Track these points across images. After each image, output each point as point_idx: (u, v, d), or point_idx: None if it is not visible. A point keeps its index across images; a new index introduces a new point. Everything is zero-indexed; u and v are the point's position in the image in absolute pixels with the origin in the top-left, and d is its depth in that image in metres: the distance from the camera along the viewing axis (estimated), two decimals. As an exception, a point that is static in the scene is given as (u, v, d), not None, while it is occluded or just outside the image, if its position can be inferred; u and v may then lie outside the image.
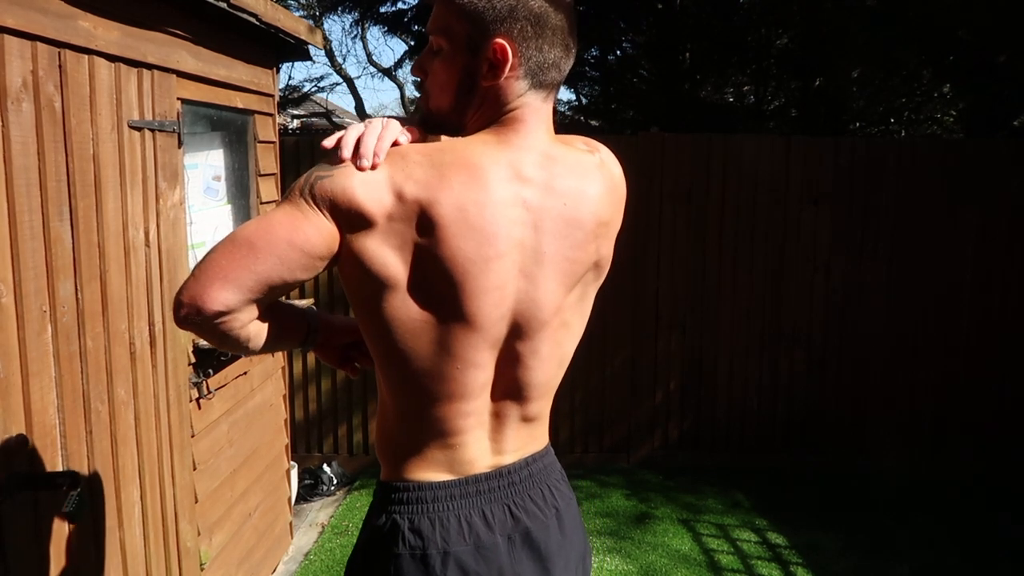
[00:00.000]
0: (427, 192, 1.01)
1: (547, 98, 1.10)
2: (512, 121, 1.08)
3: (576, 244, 1.09)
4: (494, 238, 1.03)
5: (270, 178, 3.12)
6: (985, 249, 4.16)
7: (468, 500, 1.11)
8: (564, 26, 1.06)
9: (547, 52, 1.06)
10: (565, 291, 1.11)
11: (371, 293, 1.04)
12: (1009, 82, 5.29)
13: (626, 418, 4.34)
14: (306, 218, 1.01)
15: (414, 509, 1.10)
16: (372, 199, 1.00)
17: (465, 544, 1.09)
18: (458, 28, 1.05)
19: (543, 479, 1.18)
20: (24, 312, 1.66)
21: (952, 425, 4.25)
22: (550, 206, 1.07)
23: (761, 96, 6.95)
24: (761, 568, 3.30)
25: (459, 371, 1.07)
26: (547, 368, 1.14)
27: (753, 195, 4.18)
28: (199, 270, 1.00)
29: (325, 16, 11.67)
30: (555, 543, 1.15)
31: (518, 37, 1.04)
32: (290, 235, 1.01)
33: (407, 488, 1.11)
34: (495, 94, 1.07)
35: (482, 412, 1.12)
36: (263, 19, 2.64)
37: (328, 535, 3.57)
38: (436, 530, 1.09)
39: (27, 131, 1.67)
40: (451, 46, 1.06)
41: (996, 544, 3.50)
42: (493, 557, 1.10)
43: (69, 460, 1.82)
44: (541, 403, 1.17)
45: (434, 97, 1.10)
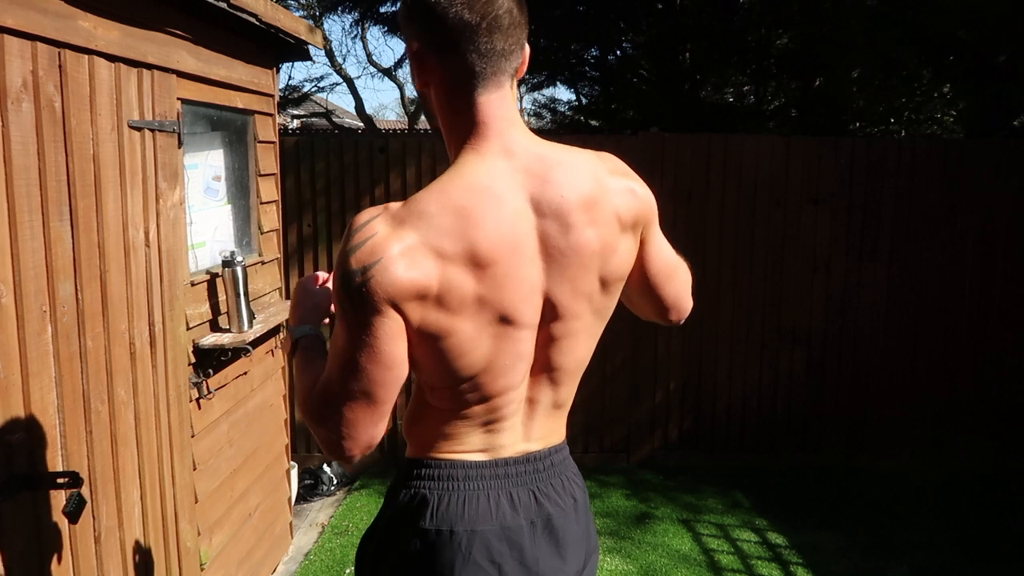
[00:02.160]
0: (463, 240, 1.01)
1: (506, 84, 1.08)
2: (477, 132, 1.07)
3: (576, 229, 1.09)
4: (520, 244, 1.06)
5: (270, 178, 3.12)
6: (985, 249, 4.16)
7: (497, 481, 1.13)
8: (473, 3, 1.03)
9: (462, 43, 1.03)
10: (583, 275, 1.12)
11: (430, 344, 1.06)
12: (1009, 82, 5.28)
13: (626, 418, 4.34)
14: (383, 325, 1.01)
15: (444, 486, 1.12)
16: (422, 275, 1.00)
17: (491, 524, 1.10)
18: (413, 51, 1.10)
19: (563, 470, 1.22)
20: (24, 312, 1.66)
21: (952, 425, 4.25)
22: (550, 197, 1.08)
23: (761, 96, 6.94)
24: (761, 568, 3.30)
25: (509, 366, 1.10)
26: (576, 350, 1.17)
27: (753, 195, 4.18)
28: (340, 426, 1.06)
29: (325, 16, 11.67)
30: (571, 532, 1.18)
31: (424, 38, 1.05)
32: (389, 347, 1.03)
33: (439, 465, 1.13)
34: (441, 105, 1.10)
35: (520, 399, 1.15)
36: (263, 19, 2.64)
37: (328, 535, 3.57)
38: (465, 508, 1.10)
39: (27, 131, 1.67)
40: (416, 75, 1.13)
41: (996, 544, 3.50)
42: (516, 540, 1.12)
43: (69, 460, 1.82)
44: (569, 389, 1.21)
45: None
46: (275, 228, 3.17)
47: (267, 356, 3.08)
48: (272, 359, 3.14)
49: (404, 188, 4.10)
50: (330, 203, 4.12)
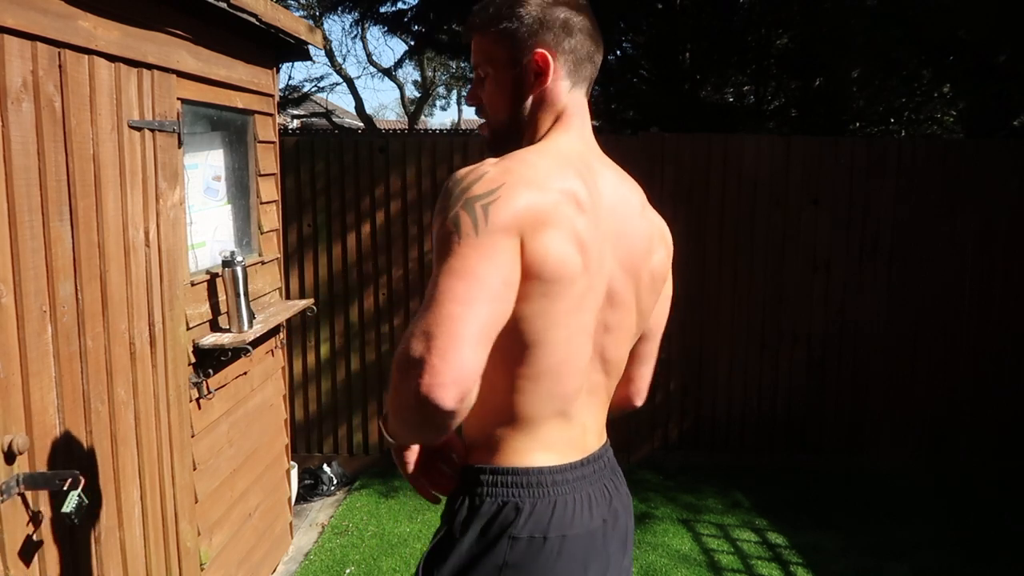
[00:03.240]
0: (572, 182, 1.10)
1: (586, 93, 1.24)
2: (565, 118, 1.20)
3: (634, 219, 1.21)
4: (600, 218, 1.13)
5: (270, 178, 3.12)
6: (985, 249, 4.16)
7: (578, 483, 1.16)
8: (588, 25, 1.21)
9: (579, 50, 1.20)
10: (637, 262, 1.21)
11: (536, 291, 1.04)
12: (1009, 82, 5.28)
13: (626, 418, 4.31)
14: (501, 251, 0.99)
15: (534, 492, 1.11)
16: (546, 199, 1.05)
17: (579, 528, 1.13)
18: (499, 53, 1.20)
19: (615, 464, 1.28)
20: (24, 312, 1.66)
21: (952, 425, 4.25)
22: (618, 194, 1.20)
23: (761, 96, 6.94)
24: (761, 568, 3.30)
25: (582, 344, 1.13)
26: (622, 345, 1.24)
27: (753, 195, 4.18)
28: (431, 345, 0.91)
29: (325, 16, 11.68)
30: (630, 526, 1.26)
31: (553, 43, 1.18)
32: (501, 275, 0.98)
33: (526, 472, 1.12)
34: (545, 98, 1.20)
35: (583, 390, 1.18)
36: (263, 19, 2.64)
37: (328, 535, 3.57)
38: (554, 514, 1.11)
39: (27, 131, 1.67)
40: (496, 69, 1.21)
41: (996, 544, 3.50)
42: (597, 540, 1.15)
43: (69, 460, 1.82)
44: (614, 385, 1.27)
45: (493, 116, 1.24)
46: (275, 228, 3.17)
47: (267, 356, 3.08)
48: (272, 359, 3.14)
49: (404, 188, 4.10)
50: (330, 203, 4.12)
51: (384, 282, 4.16)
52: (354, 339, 4.20)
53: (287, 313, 3.02)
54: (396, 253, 4.14)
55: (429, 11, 6.81)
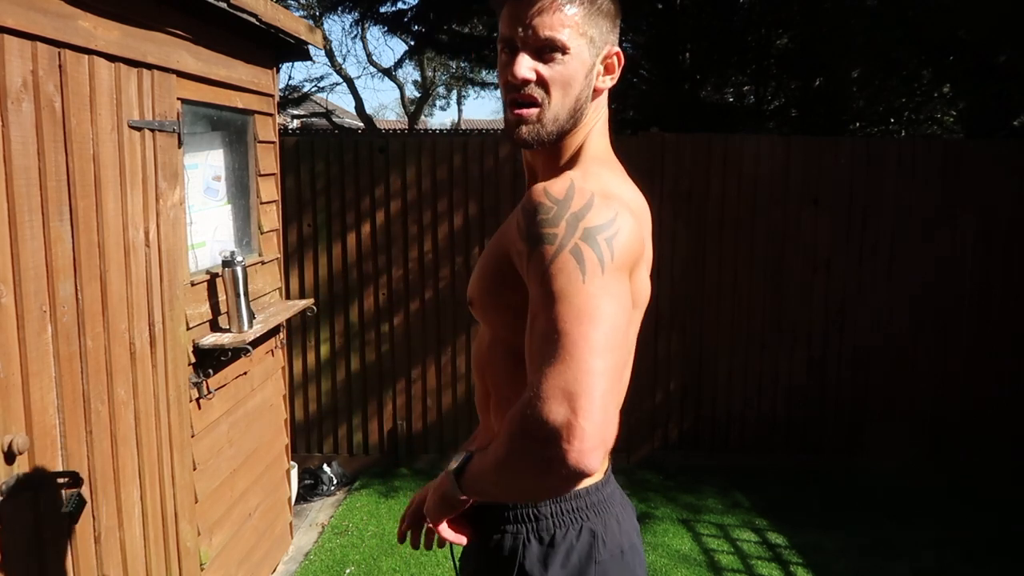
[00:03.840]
0: (638, 198, 1.07)
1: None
2: (604, 124, 1.14)
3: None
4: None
5: (270, 178, 3.12)
6: (985, 249, 4.16)
7: (619, 492, 1.20)
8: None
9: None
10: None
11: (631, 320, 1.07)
12: (1009, 82, 5.28)
13: (626, 418, 4.30)
14: (625, 291, 0.94)
15: (603, 510, 1.13)
16: (641, 229, 1.02)
17: (632, 534, 1.17)
18: (591, 31, 1.06)
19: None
20: (24, 312, 1.66)
21: (952, 425, 4.25)
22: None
23: (761, 96, 6.94)
24: (761, 568, 3.30)
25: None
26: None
27: (753, 195, 4.18)
28: (577, 407, 0.82)
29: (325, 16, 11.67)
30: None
31: (616, 41, 1.11)
32: (627, 315, 0.93)
33: (588, 494, 1.13)
34: (601, 99, 1.13)
35: None
36: (263, 19, 2.64)
37: (328, 535, 3.57)
38: (620, 527, 1.14)
39: (27, 131, 1.67)
40: (580, 49, 1.06)
41: (996, 544, 3.50)
42: (640, 543, 1.21)
43: (69, 460, 1.82)
44: None
45: (559, 100, 1.06)
46: (275, 228, 3.17)
47: (267, 356, 3.07)
48: (272, 359, 3.14)
49: (404, 188, 4.10)
50: (330, 203, 4.12)
51: (384, 282, 4.16)
52: (354, 339, 4.20)
53: (287, 313, 3.02)
54: (396, 253, 4.14)
55: (429, 11, 6.81)
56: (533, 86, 1.05)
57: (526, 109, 1.06)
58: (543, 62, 1.05)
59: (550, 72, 1.05)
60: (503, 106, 1.11)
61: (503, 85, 1.08)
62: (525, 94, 1.05)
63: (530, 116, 1.06)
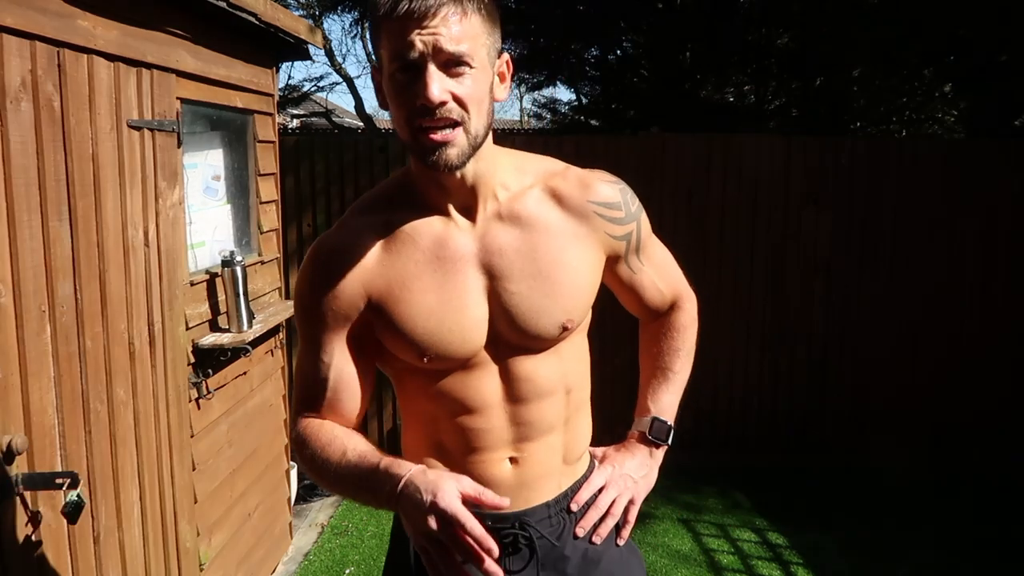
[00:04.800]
0: None
1: None
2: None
3: None
4: None
5: (270, 178, 3.11)
6: (986, 249, 4.16)
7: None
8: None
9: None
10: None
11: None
12: (1010, 82, 5.28)
13: (626, 418, 4.31)
14: None
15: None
16: None
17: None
18: (489, 40, 1.02)
19: None
20: (23, 312, 1.65)
21: (952, 425, 4.25)
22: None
23: (762, 96, 6.93)
24: (761, 568, 3.30)
25: None
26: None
27: (753, 195, 4.17)
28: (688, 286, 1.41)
29: (325, 16, 11.66)
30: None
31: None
32: None
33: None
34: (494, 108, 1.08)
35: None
36: (263, 18, 2.64)
37: (328, 535, 3.57)
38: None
39: (26, 131, 1.67)
40: (481, 60, 1.01)
41: (996, 544, 3.49)
42: None
43: (68, 460, 1.81)
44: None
45: (476, 118, 1.01)
46: (275, 228, 3.17)
47: (267, 356, 3.07)
48: (272, 359, 3.14)
49: (404, 188, 4.09)
50: (330, 203, 4.11)
51: (384, 282, 4.15)
52: (354, 339, 4.18)
53: (287, 313, 3.01)
54: (396, 253, 4.13)
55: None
56: (450, 105, 0.98)
57: (447, 131, 0.99)
58: (451, 77, 0.98)
59: (462, 89, 0.98)
60: (406, 127, 1.01)
61: (406, 109, 0.99)
62: (442, 116, 0.98)
63: (454, 139, 1.00)
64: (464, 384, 1.13)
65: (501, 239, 1.12)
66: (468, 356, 1.12)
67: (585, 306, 1.18)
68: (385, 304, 1.10)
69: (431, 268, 1.10)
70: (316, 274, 1.13)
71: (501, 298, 1.11)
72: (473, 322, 1.11)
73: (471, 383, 1.13)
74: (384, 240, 1.12)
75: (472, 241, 1.12)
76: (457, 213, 1.12)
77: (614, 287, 1.29)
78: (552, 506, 1.20)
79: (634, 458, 1.31)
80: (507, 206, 1.13)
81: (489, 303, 1.12)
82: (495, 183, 1.13)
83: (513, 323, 1.12)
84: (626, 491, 1.26)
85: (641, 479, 1.29)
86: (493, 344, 1.13)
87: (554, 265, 1.12)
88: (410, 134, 1.01)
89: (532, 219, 1.13)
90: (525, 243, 1.12)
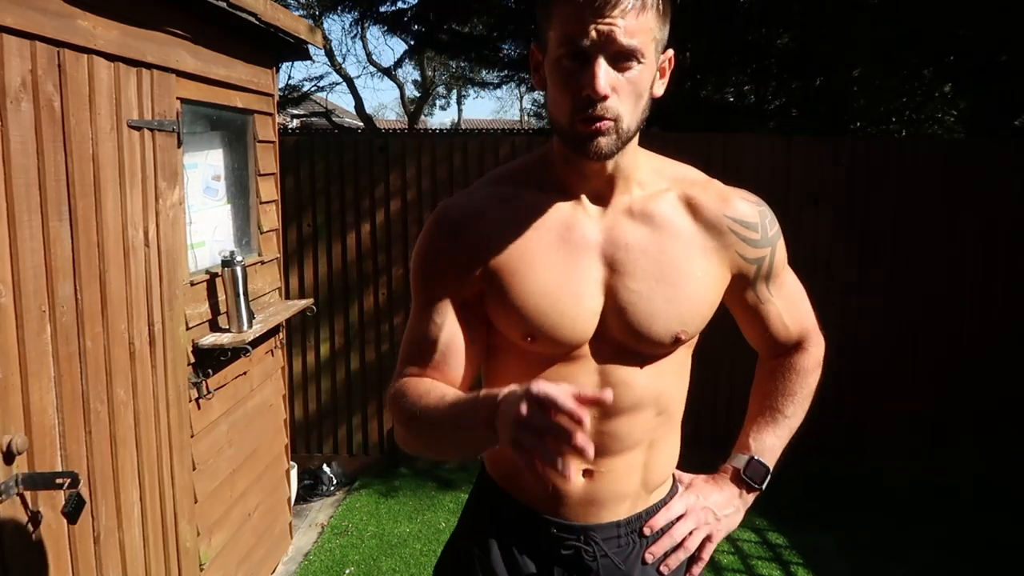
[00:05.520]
0: None
1: None
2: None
3: None
4: None
5: (270, 178, 3.11)
6: (986, 249, 4.16)
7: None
8: None
9: None
10: None
11: None
12: (1010, 82, 5.28)
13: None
14: None
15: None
16: None
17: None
18: (660, 35, 1.01)
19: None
20: (23, 312, 1.65)
21: (952, 425, 4.25)
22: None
23: (762, 96, 6.93)
24: (761, 568, 3.30)
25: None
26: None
27: (753, 195, 4.16)
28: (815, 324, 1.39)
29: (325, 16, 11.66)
30: None
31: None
32: None
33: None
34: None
35: None
36: (263, 18, 2.64)
37: (328, 535, 3.57)
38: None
39: (26, 131, 1.67)
40: (650, 57, 0.99)
41: (996, 545, 3.49)
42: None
43: (68, 460, 1.81)
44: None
45: (633, 111, 1.00)
46: (275, 228, 3.17)
47: (267, 356, 3.07)
48: (272, 359, 3.14)
49: (404, 188, 4.09)
50: (330, 203, 4.11)
51: (384, 282, 4.16)
52: (354, 339, 4.19)
53: (287, 313, 3.01)
54: (396, 252, 4.14)
55: (429, 11, 6.81)
56: (612, 100, 0.97)
57: (604, 122, 0.98)
58: (618, 70, 0.97)
59: (626, 83, 0.97)
60: (567, 114, 1.00)
61: (570, 96, 0.98)
62: (602, 110, 0.97)
63: (608, 129, 0.98)
64: (558, 376, 1.07)
65: (629, 235, 1.09)
66: (575, 344, 1.08)
67: (702, 320, 1.14)
68: (502, 274, 1.07)
69: (554, 248, 1.07)
70: (439, 234, 1.10)
71: (619, 294, 1.08)
72: (587, 311, 1.07)
73: (566, 376, 1.07)
74: (511, 211, 1.09)
75: (599, 232, 1.09)
76: (589, 201, 1.10)
77: (737, 313, 1.25)
78: (623, 526, 1.16)
79: (721, 493, 1.29)
80: (640, 204, 1.11)
81: (605, 297, 1.08)
82: (633, 179, 1.11)
83: (627, 322, 1.08)
84: (705, 525, 1.22)
85: (724, 517, 1.27)
86: (599, 341, 1.09)
87: (678, 271, 1.10)
88: (568, 120, 1.00)
89: (663, 221, 1.11)
90: (652, 243, 1.09)
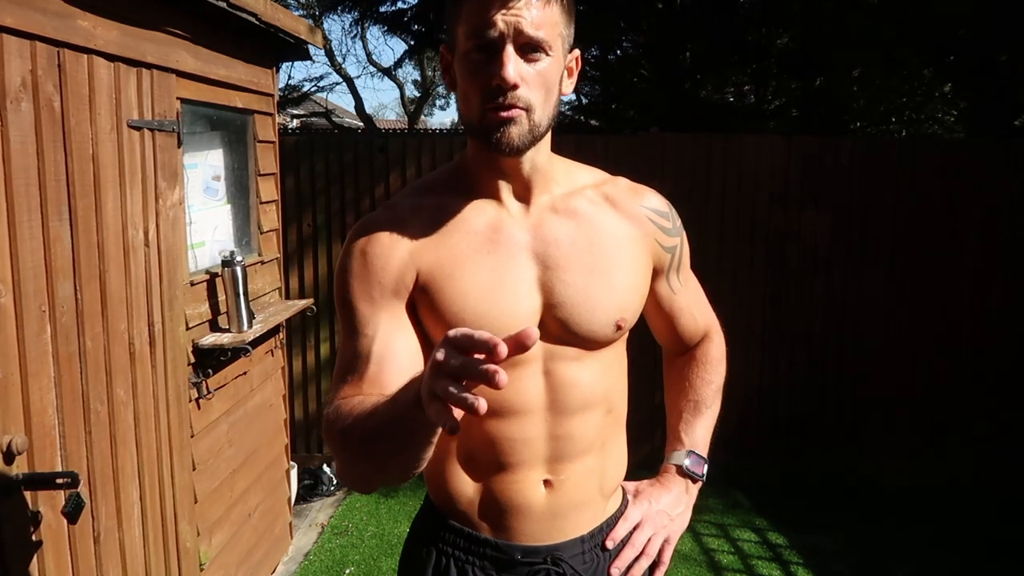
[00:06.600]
0: None
1: None
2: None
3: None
4: None
5: (269, 178, 3.11)
6: (986, 249, 4.16)
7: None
8: None
9: None
10: None
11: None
12: (1010, 82, 5.28)
13: (627, 418, 4.32)
14: None
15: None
16: None
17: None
18: (566, 31, 1.03)
19: None
20: (23, 312, 1.65)
21: (952, 426, 4.25)
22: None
23: (762, 96, 6.93)
24: (761, 568, 3.30)
25: None
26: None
27: (753, 195, 4.17)
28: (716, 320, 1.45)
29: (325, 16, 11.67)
30: None
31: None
32: None
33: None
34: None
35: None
36: (263, 18, 2.64)
37: (328, 535, 3.57)
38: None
39: (26, 131, 1.67)
40: (557, 49, 1.01)
41: (996, 545, 3.49)
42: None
43: (69, 460, 1.81)
44: None
45: (543, 104, 1.01)
46: (275, 228, 3.17)
47: (267, 356, 3.07)
48: (272, 359, 3.14)
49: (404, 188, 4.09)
50: (330, 203, 4.11)
51: (384, 282, 4.15)
52: (354, 339, 4.18)
53: (287, 313, 3.01)
54: (396, 253, 4.13)
55: (429, 11, 6.81)
56: (522, 90, 0.98)
57: (514, 110, 0.98)
58: (527, 62, 0.98)
59: (535, 74, 0.98)
60: (478, 106, 1.00)
61: (479, 88, 0.99)
62: (512, 99, 0.98)
63: (520, 118, 0.99)
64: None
65: (556, 230, 1.09)
66: None
67: (637, 307, 1.16)
68: (434, 281, 1.04)
69: (485, 250, 1.06)
70: (363, 250, 1.06)
71: (555, 289, 1.07)
72: (526, 310, 1.06)
73: (513, 381, 1.02)
74: (435, 220, 1.08)
75: (525, 231, 1.09)
76: (511, 201, 1.10)
77: (649, 309, 1.25)
78: (587, 541, 1.16)
79: (670, 493, 1.30)
80: (562, 201, 1.12)
81: (542, 294, 1.08)
82: (551, 178, 1.12)
83: (567, 315, 1.07)
84: (662, 529, 1.23)
85: (677, 516, 1.27)
86: (541, 339, 1.06)
87: (609, 261, 1.10)
88: (479, 113, 1.00)
89: (587, 215, 1.11)
90: (580, 236, 1.09)
